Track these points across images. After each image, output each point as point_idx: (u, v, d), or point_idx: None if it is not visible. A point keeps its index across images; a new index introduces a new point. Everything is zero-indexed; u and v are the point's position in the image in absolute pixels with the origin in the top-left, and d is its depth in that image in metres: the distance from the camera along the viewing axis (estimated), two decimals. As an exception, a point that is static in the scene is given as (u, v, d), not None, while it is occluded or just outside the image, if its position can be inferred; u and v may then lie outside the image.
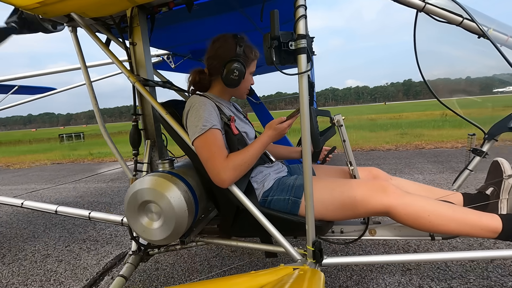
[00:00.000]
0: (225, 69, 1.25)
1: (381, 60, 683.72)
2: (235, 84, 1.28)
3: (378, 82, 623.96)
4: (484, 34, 1.18)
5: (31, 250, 2.36)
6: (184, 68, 2.68)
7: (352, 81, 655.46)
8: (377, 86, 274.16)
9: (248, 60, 1.32)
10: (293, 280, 0.81)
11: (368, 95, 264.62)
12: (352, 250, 1.96)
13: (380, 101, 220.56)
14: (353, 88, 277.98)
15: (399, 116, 19.20)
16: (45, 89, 4.13)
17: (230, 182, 1.16)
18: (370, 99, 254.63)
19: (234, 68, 1.24)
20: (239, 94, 1.43)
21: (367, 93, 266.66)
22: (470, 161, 1.45)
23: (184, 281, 1.77)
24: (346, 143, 1.35)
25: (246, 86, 1.40)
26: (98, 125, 1.59)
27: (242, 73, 1.26)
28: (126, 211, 1.22)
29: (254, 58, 1.35)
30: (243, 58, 1.29)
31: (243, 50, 1.29)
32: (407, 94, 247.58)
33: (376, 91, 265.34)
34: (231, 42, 1.30)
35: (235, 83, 1.27)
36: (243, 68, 1.26)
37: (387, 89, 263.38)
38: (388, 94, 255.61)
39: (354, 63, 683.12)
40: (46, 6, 1.14)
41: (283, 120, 1.20)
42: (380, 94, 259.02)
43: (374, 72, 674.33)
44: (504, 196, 1.24)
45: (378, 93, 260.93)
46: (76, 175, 5.98)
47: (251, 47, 1.34)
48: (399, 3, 1.22)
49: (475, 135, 1.45)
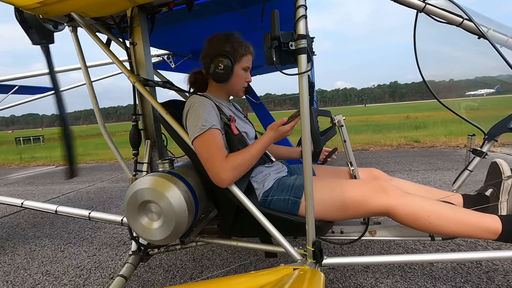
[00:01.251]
0: (212, 65, 1.28)
1: (370, 62, 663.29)
2: (223, 79, 1.30)
3: (367, 84, 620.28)
4: (483, 34, 1.18)
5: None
6: (184, 68, 2.68)
7: (341, 83, 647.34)
8: (364, 88, 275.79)
9: (236, 54, 1.31)
10: (293, 280, 0.81)
11: (355, 96, 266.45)
12: (353, 250, 1.96)
13: (367, 103, 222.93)
14: (341, 89, 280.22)
15: (366, 119, 19.80)
16: (45, 89, 4.12)
17: (230, 182, 1.16)
18: (357, 100, 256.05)
19: (218, 62, 1.26)
20: (234, 92, 1.41)
21: (355, 95, 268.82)
22: (470, 162, 1.45)
23: (184, 281, 1.77)
24: (347, 144, 1.35)
25: (238, 82, 1.37)
26: (99, 125, 1.59)
27: (229, 67, 1.27)
28: (126, 211, 1.22)
29: (244, 53, 1.33)
30: (231, 52, 1.29)
31: (231, 45, 1.29)
32: (393, 95, 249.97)
33: (364, 93, 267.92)
34: (220, 38, 1.32)
35: (223, 78, 1.29)
36: (229, 62, 1.26)
37: (374, 91, 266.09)
38: (375, 96, 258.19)
39: (344, 65, 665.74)
40: (46, 6, 1.14)
41: (284, 122, 1.19)
42: (367, 95, 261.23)
43: (363, 74, 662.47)
44: (503, 197, 1.24)
45: (365, 95, 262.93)
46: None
47: (242, 42, 1.34)
48: (399, 4, 1.23)
49: (475, 135, 1.45)
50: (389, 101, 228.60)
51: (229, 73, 1.28)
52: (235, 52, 1.30)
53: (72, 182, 4.95)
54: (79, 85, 3.39)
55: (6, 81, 3.38)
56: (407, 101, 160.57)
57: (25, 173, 6.59)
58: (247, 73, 1.38)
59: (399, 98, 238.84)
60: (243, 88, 1.41)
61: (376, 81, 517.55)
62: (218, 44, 1.31)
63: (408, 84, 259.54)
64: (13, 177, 6.18)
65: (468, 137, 1.46)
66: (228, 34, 1.33)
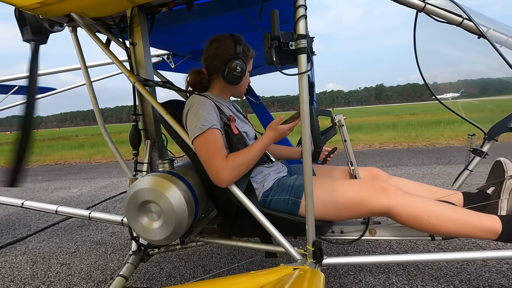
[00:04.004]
0: (226, 67, 1.27)
1: (359, 64, 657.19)
2: (237, 81, 1.31)
3: (356, 86, 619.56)
4: (483, 34, 1.18)
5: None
6: (184, 68, 2.67)
7: (333, 85, 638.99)
8: (351, 90, 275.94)
9: (247, 58, 1.36)
10: (293, 280, 0.81)
11: (342, 99, 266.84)
12: (353, 250, 1.96)
13: (354, 105, 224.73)
14: (328, 92, 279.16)
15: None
16: (45, 89, 4.12)
17: (229, 182, 1.16)
18: (344, 103, 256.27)
19: (236, 65, 1.26)
20: (239, 93, 1.46)
21: (341, 97, 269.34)
22: (470, 161, 1.45)
23: (184, 281, 1.77)
24: (347, 143, 1.35)
25: (245, 84, 1.43)
26: (99, 125, 1.59)
27: (244, 70, 1.29)
28: (126, 211, 1.22)
29: (251, 57, 1.40)
30: (243, 56, 1.31)
31: (242, 49, 1.31)
32: (379, 98, 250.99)
33: (350, 95, 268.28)
34: (230, 41, 1.32)
35: (237, 80, 1.30)
36: (244, 65, 1.28)
37: (360, 94, 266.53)
38: (361, 98, 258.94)
39: (335, 67, 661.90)
40: (46, 6, 1.14)
41: (282, 119, 1.21)
42: (353, 98, 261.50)
43: (352, 76, 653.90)
44: (505, 196, 1.24)
45: (352, 97, 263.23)
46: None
47: (248, 46, 1.38)
48: (399, 3, 1.22)
49: (475, 135, 1.45)
50: (374, 103, 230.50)
51: (243, 76, 1.31)
52: (245, 55, 1.34)
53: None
54: (79, 85, 3.39)
55: (5, 81, 3.37)
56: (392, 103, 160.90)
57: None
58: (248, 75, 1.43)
59: (384, 101, 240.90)
60: (245, 89, 1.47)
61: (364, 83, 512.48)
62: (230, 46, 1.31)
63: (393, 87, 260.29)
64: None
65: (468, 137, 1.46)
66: (236, 37, 1.34)
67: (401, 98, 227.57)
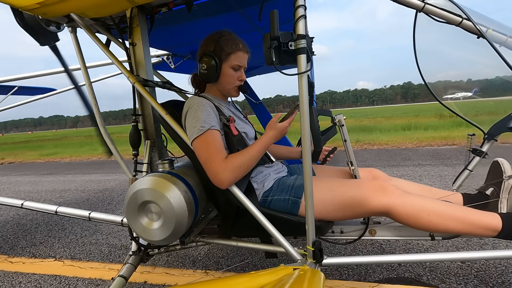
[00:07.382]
0: (198, 66, 1.30)
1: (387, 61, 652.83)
2: (210, 79, 1.31)
3: (388, 83, 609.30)
4: (482, 34, 1.18)
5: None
6: (184, 68, 2.67)
7: (363, 83, 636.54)
8: (376, 89, 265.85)
9: (222, 53, 1.28)
10: (293, 280, 0.81)
11: (366, 98, 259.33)
12: (353, 250, 1.96)
13: (378, 104, 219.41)
14: (351, 91, 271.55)
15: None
16: (45, 89, 4.12)
17: (229, 183, 1.16)
18: (368, 102, 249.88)
19: (203, 62, 1.27)
20: (226, 91, 1.38)
21: (365, 96, 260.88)
22: (470, 161, 1.45)
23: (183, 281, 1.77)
24: (347, 143, 1.35)
25: (229, 82, 1.33)
26: (98, 125, 1.58)
27: (213, 66, 1.26)
28: (126, 211, 1.22)
29: (231, 51, 1.28)
30: (217, 51, 1.28)
31: (216, 44, 1.28)
32: (405, 97, 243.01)
33: (375, 94, 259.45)
34: (211, 38, 1.32)
35: (209, 78, 1.30)
36: (214, 61, 1.26)
37: (386, 92, 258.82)
38: (386, 97, 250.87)
39: (364, 64, 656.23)
40: (46, 7, 1.14)
41: (280, 116, 1.21)
42: (378, 97, 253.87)
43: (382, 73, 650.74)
44: (504, 196, 1.24)
45: (376, 96, 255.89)
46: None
47: (229, 40, 1.29)
48: (398, 3, 1.22)
49: (474, 135, 1.45)
50: (401, 102, 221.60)
51: (215, 73, 1.27)
52: (221, 51, 1.28)
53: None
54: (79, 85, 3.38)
55: (5, 81, 3.37)
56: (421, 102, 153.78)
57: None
58: (239, 72, 1.34)
59: (412, 99, 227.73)
60: (235, 87, 1.36)
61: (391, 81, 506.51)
62: (205, 45, 1.32)
63: (421, 85, 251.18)
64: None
65: (468, 137, 1.46)
66: (215, 33, 1.32)
67: (430, 96, 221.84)
